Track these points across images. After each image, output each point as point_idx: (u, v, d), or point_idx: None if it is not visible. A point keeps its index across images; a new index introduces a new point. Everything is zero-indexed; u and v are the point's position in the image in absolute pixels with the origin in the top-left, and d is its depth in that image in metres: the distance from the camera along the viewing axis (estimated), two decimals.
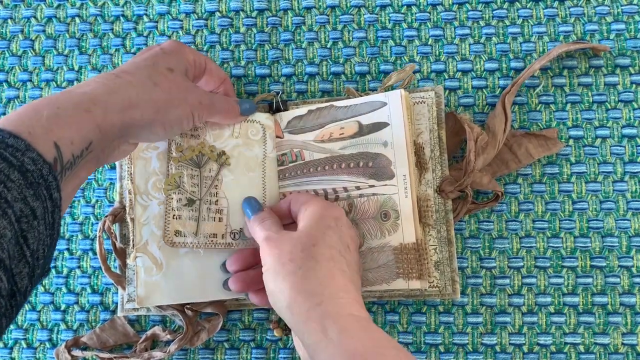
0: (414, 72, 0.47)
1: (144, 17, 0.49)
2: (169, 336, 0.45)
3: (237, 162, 0.44)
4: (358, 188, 0.42)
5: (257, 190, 0.44)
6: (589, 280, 0.44)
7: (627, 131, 0.46)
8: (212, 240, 0.42)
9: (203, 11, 0.49)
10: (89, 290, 0.46)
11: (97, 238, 0.43)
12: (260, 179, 0.44)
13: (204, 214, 0.43)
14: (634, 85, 0.46)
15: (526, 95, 0.47)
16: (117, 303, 0.45)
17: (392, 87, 0.45)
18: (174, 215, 0.42)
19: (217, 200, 0.43)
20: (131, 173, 0.43)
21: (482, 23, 0.48)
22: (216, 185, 0.43)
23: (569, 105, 0.46)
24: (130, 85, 0.35)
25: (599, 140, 0.46)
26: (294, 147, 0.44)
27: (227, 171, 0.44)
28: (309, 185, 0.43)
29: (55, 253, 0.47)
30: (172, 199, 0.42)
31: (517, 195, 0.46)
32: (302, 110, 0.45)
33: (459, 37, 0.48)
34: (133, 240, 0.42)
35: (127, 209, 0.43)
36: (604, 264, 0.45)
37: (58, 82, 0.49)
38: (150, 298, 0.42)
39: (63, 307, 0.46)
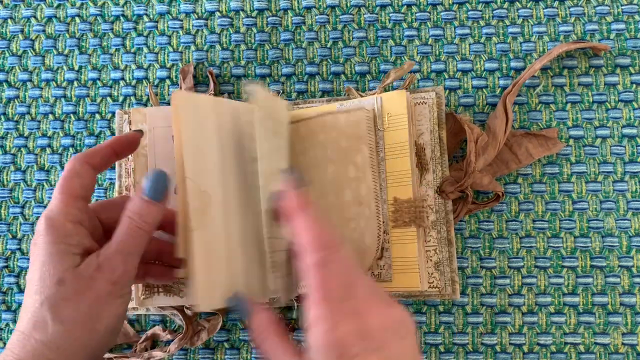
0: (414, 72, 0.47)
1: (144, 17, 0.49)
2: (169, 336, 0.45)
3: None
4: None
5: None
6: (589, 280, 0.44)
7: (627, 131, 0.46)
8: None
9: (203, 11, 0.49)
10: None
11: None
12: None
13: None
14: (634, 85, 0.46)
15: (526, 95, 0.47)
16: None
17: (392, 86, 0.45)
18: None
19: None
20: (129, 171, 0.42)
21: (482, 23, 0.48)
22: None
23: (569, 105, 0.46)
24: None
25: (599, 140, 0.46)
26: None
27: None
28: None
29: None
30: None
31: (517, 195, 0.46)
32: None
33: (459, 36, 0.48)
34: None
35: None
36: (604, 264, 0.45)
37: (58, 82, 0.49)
38: (152, 299, 0.42)
39: None
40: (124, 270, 0.32)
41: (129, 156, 0.43)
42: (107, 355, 0.44)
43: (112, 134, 0.48)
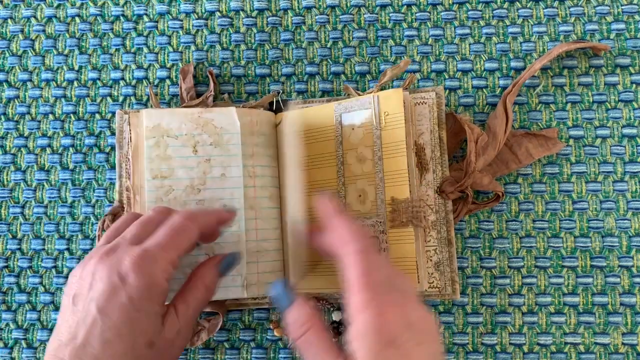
0: (414, 72, 0.47)
1: (144, 17, 0.49)
2: None
3: None
4: None
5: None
6: (589, 280, 0.44)
7: (627, 131, 0.46)
8: None
9: (203, 11, 0.49)
10: None
11: (97, 237, 0.43)
12: None
13: None
14: (634, 85, 0.46)
15: (526, 95, 0.47)
16: None
17: (390, 85, 0.45)
18: None
19: None
20: (129, 172, 0.43)
21: (482, 23, 0.48)
22: None
23: (569, 105, 0.46)
24: None
25: (599, 140, 0.46)
26: None
27: None
28: None
29: (55, 253, 0.47)
30: None
31: (517, 195, 0.46)
32: None
33: (459, 36, 0.48)
34: None
35: (126, 207, 0.43)
36: (604, 264, 0.44)
37: (58, 82, 0.49)
38: None
39: None
40: (190, 335, 0.34)
41: (129, 157, 0.43)
42: None
43: (112, 134, 0.48)
